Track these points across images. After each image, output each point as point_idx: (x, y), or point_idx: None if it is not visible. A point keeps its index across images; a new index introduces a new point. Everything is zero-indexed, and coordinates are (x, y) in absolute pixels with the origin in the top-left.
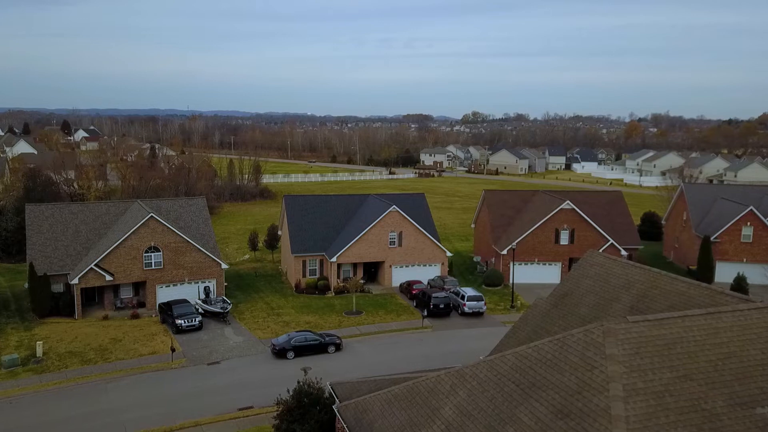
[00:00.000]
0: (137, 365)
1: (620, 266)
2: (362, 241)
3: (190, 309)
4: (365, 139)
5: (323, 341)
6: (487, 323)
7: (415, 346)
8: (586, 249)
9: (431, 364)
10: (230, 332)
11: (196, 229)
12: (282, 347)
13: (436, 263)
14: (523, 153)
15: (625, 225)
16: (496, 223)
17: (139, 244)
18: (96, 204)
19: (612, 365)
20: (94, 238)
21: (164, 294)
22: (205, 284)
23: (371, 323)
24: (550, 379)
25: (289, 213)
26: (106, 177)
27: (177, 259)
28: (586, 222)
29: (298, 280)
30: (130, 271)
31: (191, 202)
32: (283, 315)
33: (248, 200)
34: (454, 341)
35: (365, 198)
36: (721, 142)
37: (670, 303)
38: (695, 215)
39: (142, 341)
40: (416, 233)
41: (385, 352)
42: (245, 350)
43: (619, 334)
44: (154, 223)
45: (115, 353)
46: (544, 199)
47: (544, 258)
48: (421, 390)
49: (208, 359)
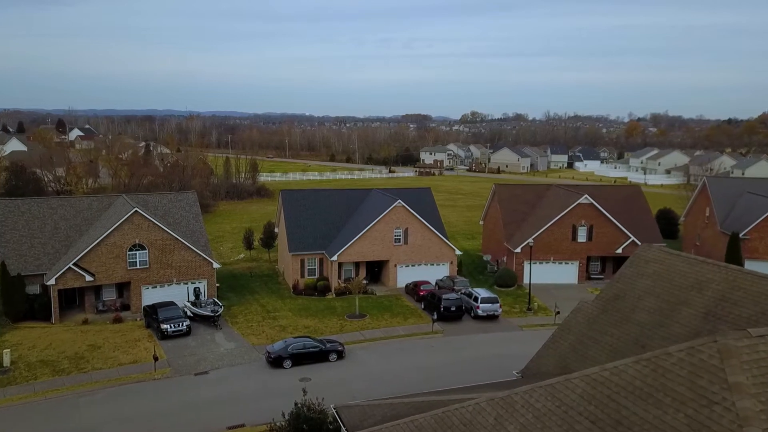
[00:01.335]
0: (115, 376)
1: (686, 263)
2: (365, 238)
3: (177, 312)
4: (364, 138)
5: (324, 348)
6: (502, 327)
7: (425, 353)
8: (605, 247)
9: (449, 376)
10: (221, 338)
11: (186, 225)
12: (278, 355)
13: (444, 262)
14: (525, 151)
15: (644, 221)
16: (509, 219)
17: (122, 241)
18: (77, 198)
19: (742, 400)
20: (75, 236)
21: (150, 296)
22: (195, 285)
23: (376, 327)
24: (645, 417)
25: (287, 209)
26: (96, 174)
27: (164, 258)
28: (605, 217)
29: (296, 280)
30: (113, 270)
31: (181, 197)
32: (280, 318)
33: (245, 198)
34: (469, 348)
35: (368, 193)
36: (725, 141)
37: (762, 308)
38: (720, 211)
39: (123, 348)
40: (423, 230)
41: (393, 360)
42: (237, 358)
43: (742, 354)
44: (138, 218)
45: (91, 362)
46: (560, 194)
47: (560, 256)
48: (454, 422)
49: (196, 369)
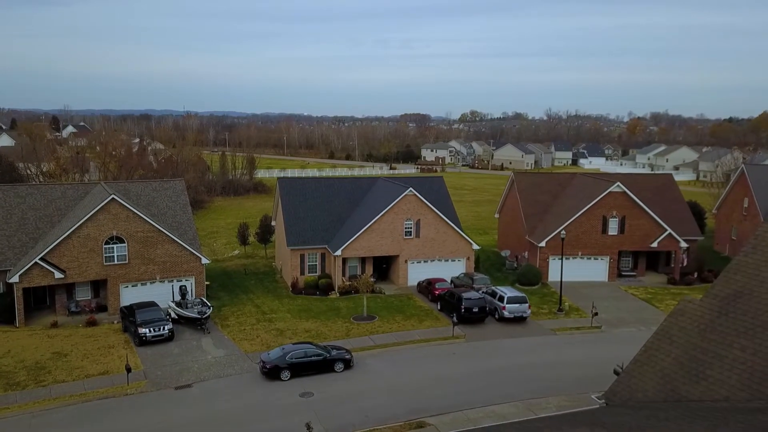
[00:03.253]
0: (80, 390)
1: None
2: (372, 231)
3: (158, 314)
4: (364, 135)
5: (328, 356)
6: (532, 331)
7: (447, 361)
8: (639, 240)
9: (479, 390)
10: (209, 344)
11: (173, 216)
12: (275, 364)
13: (460, 257)
14: (529, 148)
15: (679, 213)
16: (530, 211)
17: (97, 233)
18: (49, 186)
19: None
20: (46, 227)
21: (130, 295)
22: (180, 283)
23: (388, 331)
24: None
25: (285, 199)
26: (85, 168)
27: (146, 252)
28: (640, 208)
29: (295, 278)
30: (87, 266)
31: (167, 185)
32: (277, 321)
33: (241, 194)
34: (497, 355)
35: (374, 181)
36: (732, 138)
37: None
38: (762, 201)
39: (93, 356)
40: (437, 221)
41: (409, 370)
42: (227, 368)
43: None
44: (116, 207)
45: (54, 373)
46: (586, 182)
47: (588, 251)
48: None
49: (177, 381)
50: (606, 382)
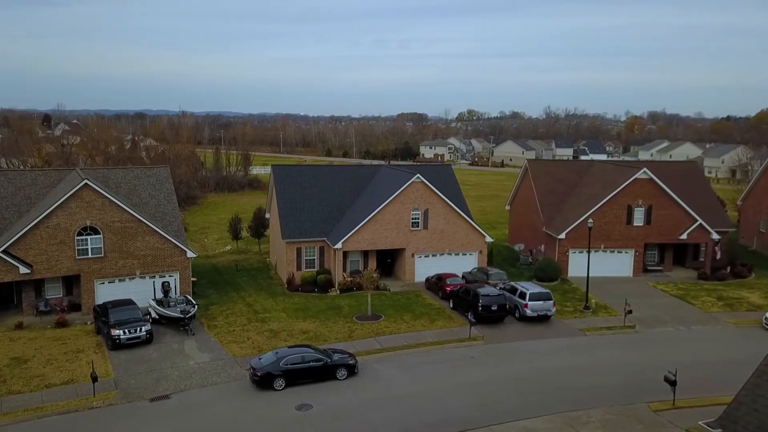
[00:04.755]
0: (37, 403)
1: None
2: (376, 221)
3: (134, 313)
4: (361, 132)
5: (329, 361)
6: (558, 331)
7: (465, 366)
8: (666, 232)
9: (506, 401)
10: (192, 347)
11: (156, 206)
12: (267, 371)
13: (471, 251)
14: (530, 144)
15: (708, 202)
16: (546, 201)
17: (68, 223)
18: (18, 173)
19: None
20: (12, 217)
21: (106, 292)
22: (164, 279)
23: (395, 332)
24: None
25: (279, 187)
26: (70, 161)
27: (124, 245)
28: (668, 197)
29: (291, 274)
30: (57, 261)
31: (150, 173)
32: (271, 321)
33: (236, 190)
34: (521, 359)
35: (377, 169)
36: (735, 135)
37: None
38: None
39: (58, 362)
40: (447, 211)
41: (423, 377)
42: (212, 375)
43: None
44: (90, 193)
45: (9, 383)
46: (607, 170)
47: (611, 244)
48: None
49: (153, 392)
50: (654, 391)
